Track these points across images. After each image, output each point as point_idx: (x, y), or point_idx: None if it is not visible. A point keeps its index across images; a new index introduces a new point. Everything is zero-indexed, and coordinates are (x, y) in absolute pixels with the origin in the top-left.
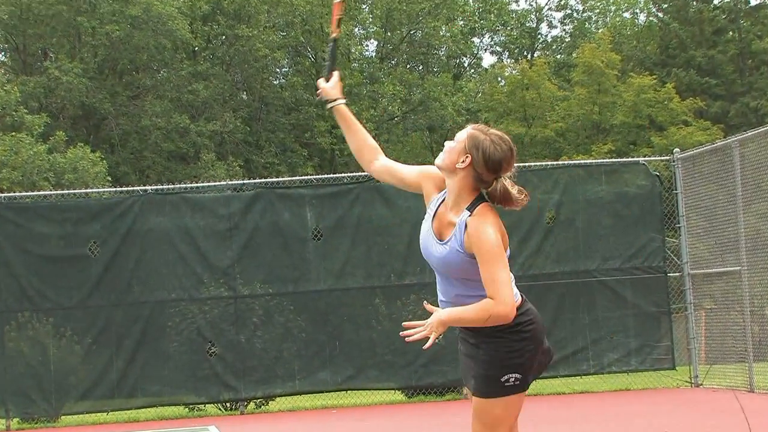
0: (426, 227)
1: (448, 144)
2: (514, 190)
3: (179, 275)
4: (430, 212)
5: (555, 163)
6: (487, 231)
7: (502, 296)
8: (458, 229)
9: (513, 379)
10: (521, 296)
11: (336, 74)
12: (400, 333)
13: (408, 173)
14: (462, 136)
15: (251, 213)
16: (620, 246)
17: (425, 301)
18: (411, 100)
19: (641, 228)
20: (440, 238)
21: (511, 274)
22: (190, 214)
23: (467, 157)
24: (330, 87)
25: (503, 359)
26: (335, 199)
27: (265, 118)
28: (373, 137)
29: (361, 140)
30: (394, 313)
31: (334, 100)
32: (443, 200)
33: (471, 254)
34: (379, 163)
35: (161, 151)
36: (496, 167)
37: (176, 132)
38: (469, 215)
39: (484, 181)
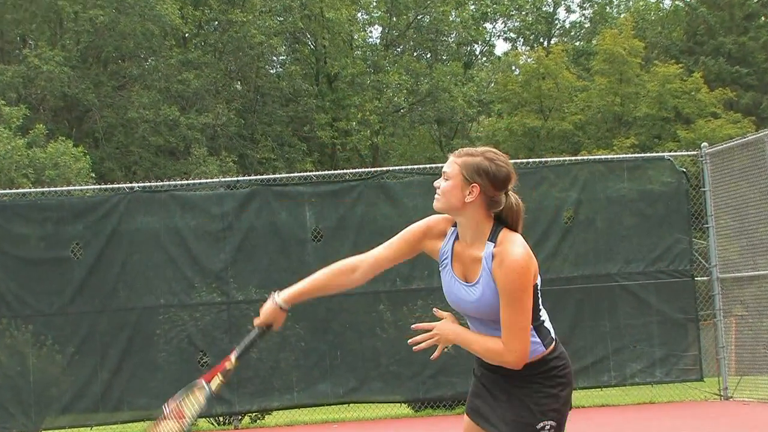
0: (448, 276)
1: (439, 184)
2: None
3: (168, 279)
4: (445, 260)
5: (573, 158)
6: (515, 268)
7: (515, 347)
8: (485, 262)
9: (548, 427)
10: (555, 338)
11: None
12: (408, 340)
13: (398, 247)
14: (453, 170)
15: (246, 212)
16: (644, 248)
17: (435, 308)
18: (418, 91)
19: (666, 228)
20: (468, 280)
21: (544, 311)
22: (180, 213)
23: (473, 187)
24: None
25: (539, 405)
26: (336, 197)
27: (260, 110)
28: (378, 130)
29: (335, 284)
30: (399, 320)
31: (273, 320)
32: (455, 239)
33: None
34: (364, 271)
35: (149, 146)
36: (505, 183)
37: (165, 125)
38: (494, 246)
39: (496, 202)
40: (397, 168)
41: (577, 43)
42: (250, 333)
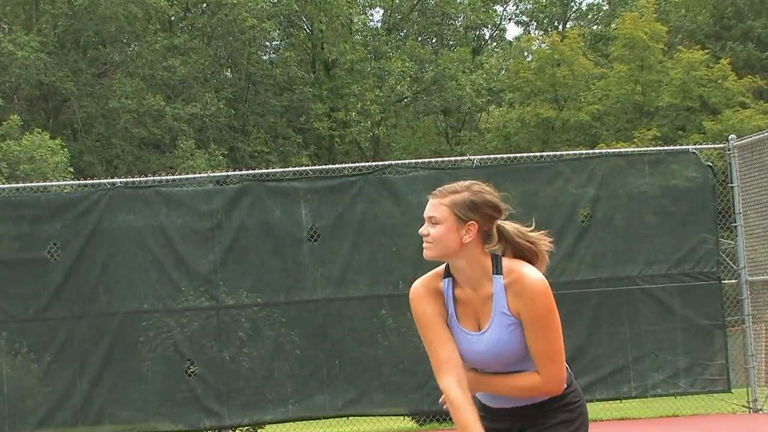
0: (458, 334)
1: (427, 231)
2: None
3: (153, 282)
4: (450, 317)
5: (591, 151)
6: (539, 291)
7: (554, 374)
8: (497, 298)
9: None
10: (570, 371)
11: None
12: (411, 349)
13: (448, 336)
14: (442, 212)
15: (237, 210)
16: (667, 248)
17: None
18: (423, 79)
19: (691, 227)
20: (482, 328)
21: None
22: (165, 211)
23: (470, 225)
24: None
25: None
26: (335, 193)
27: (252, 99)
28: (379, 121)
29: None
30: (403, 326)
31: None
32: (453, 288)
33: (518, 318)
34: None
35: (132, 138)
36: (498, 214)
37: (149, 115)
38: (503, 277)
39: (490, 236)
40: (400, 162)
41: (595, 27)
42: None
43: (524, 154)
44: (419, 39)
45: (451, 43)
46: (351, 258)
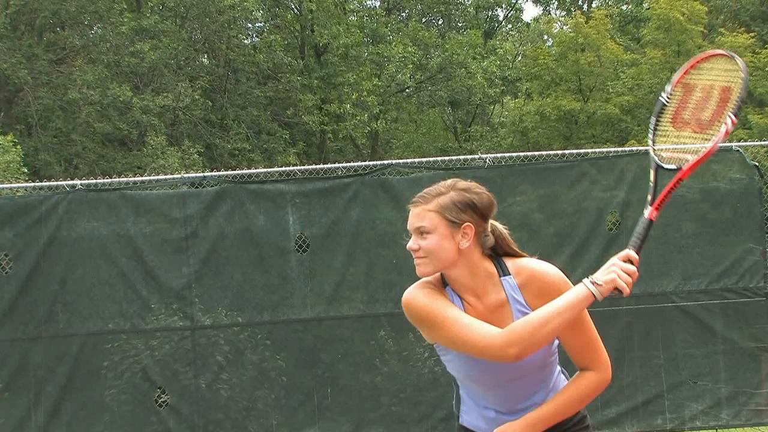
0: None
1: (416, 245)
2: None
3: (118, 299)
4: None
5: (620, 149)
6: (560, 280)
7: (605, 360)
8: (514, 299)
9: None
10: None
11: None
12: (414, 375)
13: None
14: (431, 220)
15: (214, 216)
16: (707, 260)
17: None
18: (427, 66)
19: (735, 236)
20: None
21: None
22: (132, 217)
23: (465, 228)
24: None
25: None
26: (326, 197)
27: (232, 89)
28: (377, 114)
29: None
30: (404, 350)
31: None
32: (458, 295)
33: None
34: None
35: (94, 134)
36: (491, 210)
37: (114, 108)
38: (513, 277)
39: (486, 237)
40: (401, 161)
41: (625, 7)
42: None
43: (544, 153)
44: (423, 20)
45: (460, 25)
46: (345, 271)
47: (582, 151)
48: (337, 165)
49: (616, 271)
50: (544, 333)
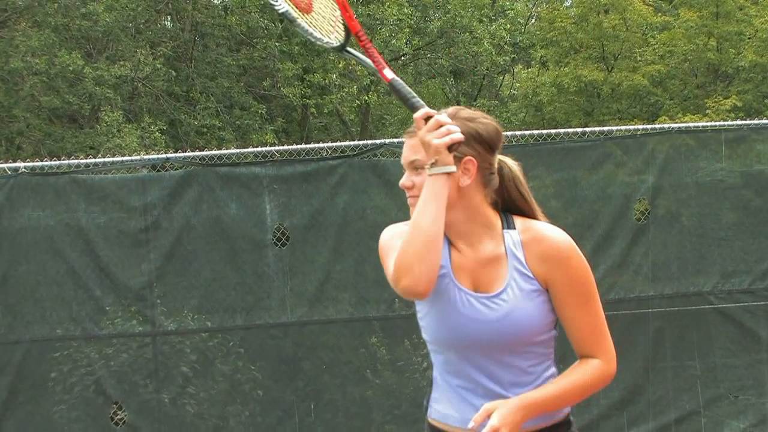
0: (452, 293)
1: (410, 182)
2: None
3: (68, 300)
4: (443, 271)
5: (650, 126)
6: (572, 248)
7: (610, 348)
8: (514, 256)
9: None
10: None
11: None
12: (412, 388)
13: None
14: (429, 154)
15: (179, 204)
16: (749, 255)
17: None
18: (427, 30)
19: None
20: (487, 290)
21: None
22: (84, 205)
23: (467, 162)
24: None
25: None
26: (309, 181)
27: (200, 57)
28: (368, 86)
29: None
30: (399, 359)
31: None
32: (448, 242)
33: (544, 286)
34: None
35: (40, 109)
36: (498, 142)
37: (63, 79)
38: (518, 232)
39: (492, 175)
40: (396, 140)
41: None
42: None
43: (561, 130)
44: None
45: None
46: (331, 268)
47: (605, 128)
48: (321, 145)
49: (430, 137)
50: (420, 238)
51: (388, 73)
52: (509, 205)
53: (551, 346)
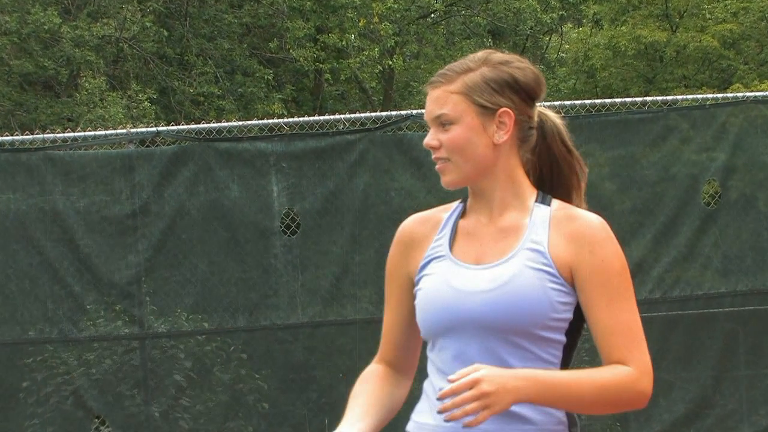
0: (443, 268)
1: (437, 141)
2: None
3: (42, 298)
4: (438, 248)
5: (721, 95)
6: (610, 236)
7: (646, 361)
8: (533, 228)
9: None
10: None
11: None
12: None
13: (397, 301)
14: (456, 104)
15: (171, 185)
16: None
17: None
18: None
19: None
20: (482, 260)
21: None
22: (61, 187)
23: (503, 113)
24: None
25: None
26: (323, 159)
27: (196, 14)
28: (392, 48)
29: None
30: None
31: None
32: (458, 215)
33: (564, 276)
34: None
35: (10, 75)
36: (538, 91)
37: (37, 39)
38: (552, 209)
39: (531, 129)
40: (423, 111)
41: None
42: None
43: (618, 100)
44: None
45: None
46: (348, 260)
47: (669, 98)
48: (337, 116)
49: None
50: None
51: None
52: (548, 172)
53: (559, 348)
